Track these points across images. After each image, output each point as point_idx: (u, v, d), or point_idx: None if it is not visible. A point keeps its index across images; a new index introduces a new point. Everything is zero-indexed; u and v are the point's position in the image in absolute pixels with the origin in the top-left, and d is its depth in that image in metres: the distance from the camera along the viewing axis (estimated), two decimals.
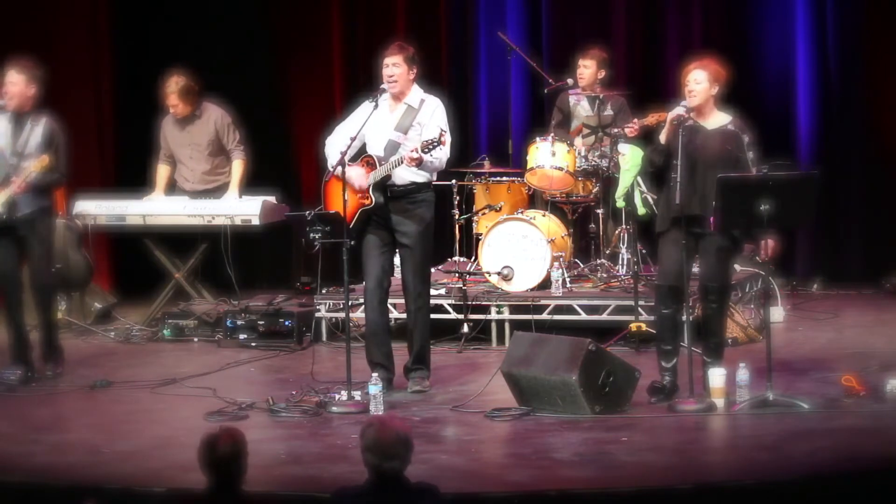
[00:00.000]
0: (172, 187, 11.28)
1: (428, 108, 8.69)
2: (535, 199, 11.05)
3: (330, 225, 8.36)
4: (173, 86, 10.96)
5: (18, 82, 9.21)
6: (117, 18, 12.81)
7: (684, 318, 8.63)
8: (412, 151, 8.39)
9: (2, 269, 9.27)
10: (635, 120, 10.46)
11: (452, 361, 9.73)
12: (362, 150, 8.71)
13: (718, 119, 8.25)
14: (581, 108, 11.08)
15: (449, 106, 8.85)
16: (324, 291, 10.47)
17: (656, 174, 8.47)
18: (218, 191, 11.07)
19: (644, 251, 10.61)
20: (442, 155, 8.54)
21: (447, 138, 8.44)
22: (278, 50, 13.21)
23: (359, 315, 9.75)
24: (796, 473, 6.81)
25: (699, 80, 8.19)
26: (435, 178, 8.82)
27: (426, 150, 8.38)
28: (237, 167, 11.03)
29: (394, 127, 8.67)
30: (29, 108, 9.25)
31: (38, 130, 9.23)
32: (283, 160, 12.81)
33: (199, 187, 11.12)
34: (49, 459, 7.40)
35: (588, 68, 10.92)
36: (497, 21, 12.69)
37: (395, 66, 8.62)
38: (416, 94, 8.72)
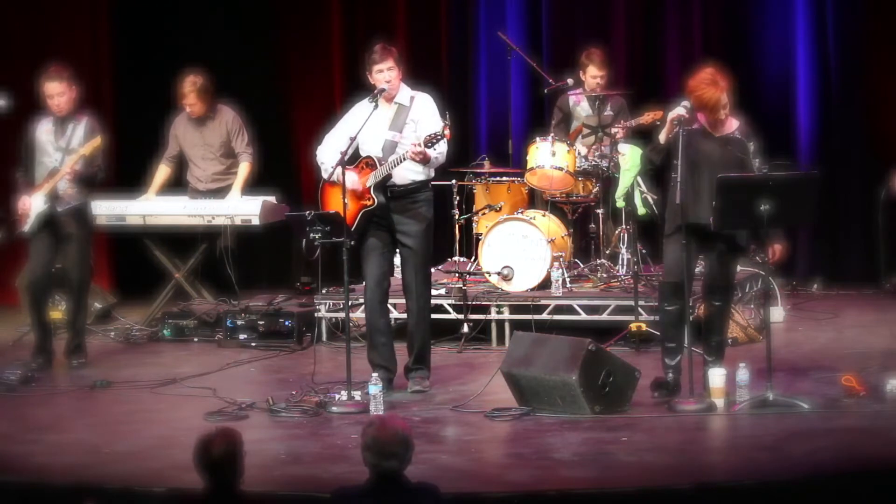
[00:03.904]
0: (174, 187, 11.28)
1: (419, 105, 8.70)
2: (535, 199, 11.05)
3: (330, 225, 8.36)
4: (190, 85, 10.95)
5: (64, 90, 9.54)
6: (117, 19, 12.83)
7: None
8: (415, 146, 8.39)
9: (38, 264, 9.61)
10: (622, 121, 10.51)
11: (452, 361, 9.73)
12: (356, 154, 8.71)
13: (727, 126, 8.22)
14: (581, 108, 11.09)
15: (449, 106, 8.85)
16: (324, 291, 10.48)
17: (656, 173, 8.47)
18: (230, 188, 11.07)
19: (644, 251, 10.62)
20: (444, 148, 8.55)
21: (449, 131, 8.45)
22: (278, 50, 13.22)
23: (359, 315, 9.75)
24: (796, 473, 6.81)
25: (725, 105, 8.13)
26: (433, 175, 8.82)
27: (429, 144, 8.39)
28: (243, 169, 11.02)
29: (388, 127, 8.68)
30: (72, 109, 9.56)
31: (80, 129, 9.55)
32: (283, 160, 12.81)
33: (212, 187, 11.13)
34: (49, 459, 7.40)
35: (604, 78, 10.89)
36: (497, 21, 12.70)
37: (389, 71, 8.62)
38: (405, 92, 8.73)
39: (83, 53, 12.37)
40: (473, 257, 10.81)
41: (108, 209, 10.95)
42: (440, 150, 8.53)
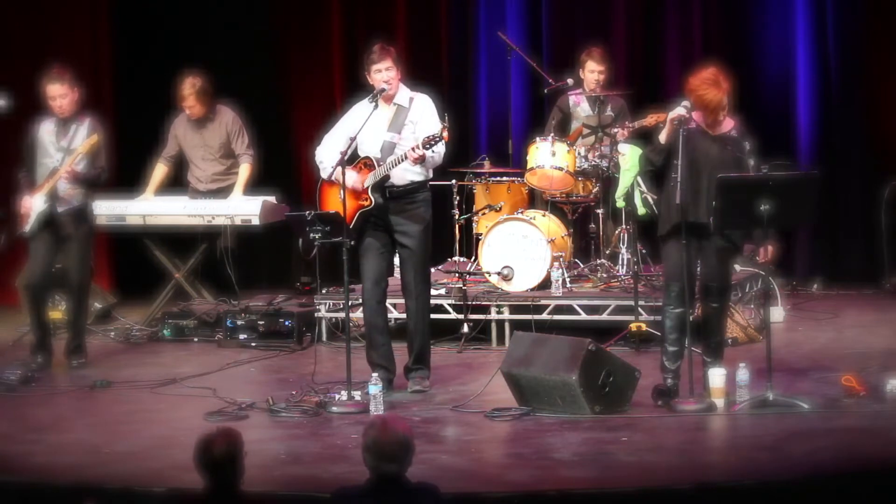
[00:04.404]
0: (174, 186, 11.29)
1: (418, 106, 8.70)
2: (535, 199, 11.05)
3: (329, 225, 8.36)
4: (190, 87, 10.94)
5: (66, 92, 9.56)
6: (117, 19, 12.83)
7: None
8: (414, 149, 8.39)
9: (38, 265, 9.62)
10: (626, 123, 10.49)
11: (452, 361, 9.73)
12: (354, 154, 8.71)
13: (723, 126, 8.22)
14: (581, 108, 11.08)
15: (449, 106, 8.85)
16: (324, 291, 10.48)
17: (656, 174, 8.46)
18: (230, 189, 11.08)
19: (644, 251, 10.62)
20: (441, 150, 8.55)
21: (447, 132, 8.45)
22: (278, 50, 13.22)
23: (359, 315, 9.75)
24: (796, 473, 6.81)
25: (725, 106, 8.12)
26: (431, 176, 8.82)
27: (427, 145, 8.39)
28: (244, 170, 11.02)
29: (387, 128, 8.68)
30: (74, 111, 9.57)
31: (82, 130, 9.55)
32: (283, 160, 12.81)
33: (212, 187, 11.14)
34: (49, 459, 7.40)
35: (603, 73, 10.89)
36: (497, 21, 12.70)
37: (387, 70, 8.62)
38: (405, 93, 8.73)
39: (83, 54, 12.37)
40: (473, 257, 10.80)
41: (108, 209, 10.95)
42: (438, 151, 8.53)
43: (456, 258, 10.93)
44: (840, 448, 7.26)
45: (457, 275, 10.45)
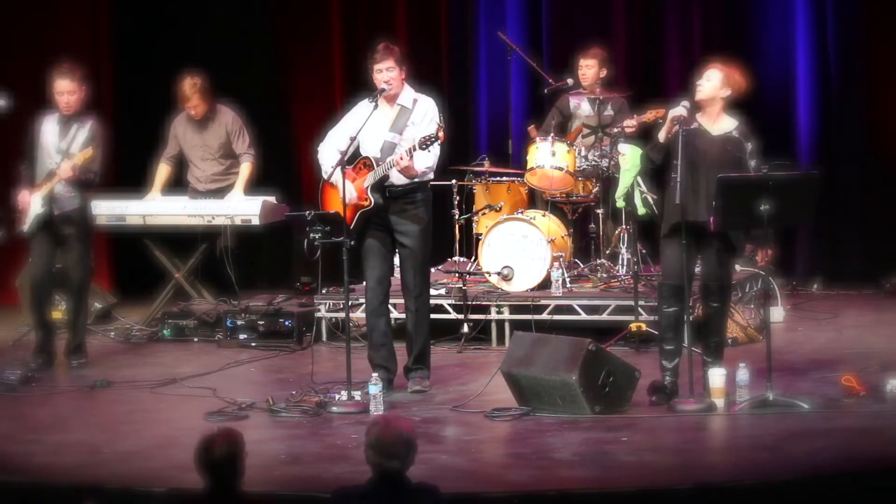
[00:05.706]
0: (174, 187, 11.29)
1: (421, 108, 8.69)
2: (535, 199, 11.05)
3: (330, 225, 8.36)
4: (191, 87, 10.93)
5: (74, 89, 9.55)
6: (117, 19, 12.83)
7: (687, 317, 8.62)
8: (401, 157, 8.37)
9: (39, 265, 9.62)
10: (635, 115, 10.46)
11: (452, 361, 9.73)
12: (356, 154, 8.71)
13: (724, 124, 8.22)
14: (581, 108, 11.09)
15: (449, 106, 8.85)
16: (324, 291, 10.48)
17: (656, 173, 8.47)
18: (229, 189, 11.07)
19: (644, 251, 10.62)
20: (430, 163, 8.54)
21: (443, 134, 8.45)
22: (278, 50, 13.22)
23: (359, 315, 9.76)
24: (796, 473, 6.81)
25: (710, 78, 8.19)
26: (431, 176, 8.81)
27: (424, 145, 8.38)
28: (245, 169, 11.01)
29: (389, 128, 8.67)
30: (78, 109, 9.55)
31: (82, 133, 9.55)
32: (284, 160, 12.82)
33: (211, 187, 11.13)
34: (49, 459, 7.40)
35: (591, 68, 10.93)
36: (497, 21, 12.70)
37: (388, 71, 8.61)
38: (409, 94, 8.72)
39: (83, 53, 12.35)
40: (473, 257, 10.81)
41: (108, 209, 10.95)
42: (427, 165, 8.53)
43: (456, 258, 10.93)
44: (840, 448, 7.26)
45: (457, 275, 10.45)
